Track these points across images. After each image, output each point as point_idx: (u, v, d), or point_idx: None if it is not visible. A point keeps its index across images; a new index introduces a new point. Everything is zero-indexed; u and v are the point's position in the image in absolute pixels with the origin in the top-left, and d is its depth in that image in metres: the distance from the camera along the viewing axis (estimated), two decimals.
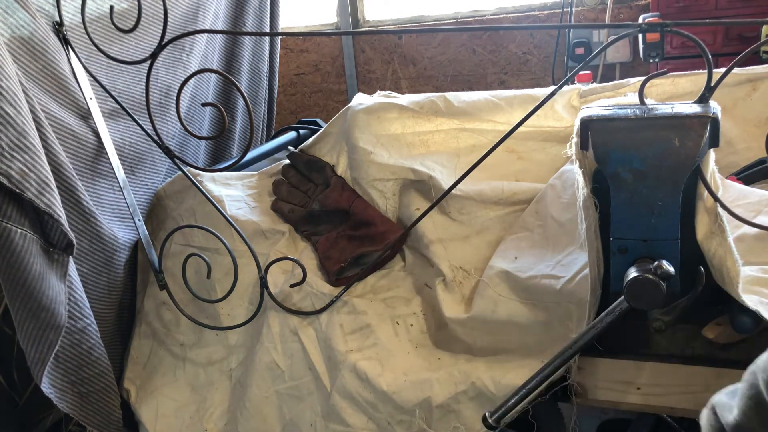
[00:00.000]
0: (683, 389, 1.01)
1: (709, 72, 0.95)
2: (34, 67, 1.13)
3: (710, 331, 0.98)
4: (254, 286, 1.29)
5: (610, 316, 0.91)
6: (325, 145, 1.43)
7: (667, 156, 0.90)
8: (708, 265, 0.93)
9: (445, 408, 1.09)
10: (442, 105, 1.35)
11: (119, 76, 1.34)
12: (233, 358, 1.32)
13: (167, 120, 1.48)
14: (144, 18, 1.23)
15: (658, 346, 1.04)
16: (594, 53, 1.05)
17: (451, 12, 3.29)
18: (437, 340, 1.18)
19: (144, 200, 1.42)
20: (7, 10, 1.08)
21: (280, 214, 1.39)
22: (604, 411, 1.62)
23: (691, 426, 1.38)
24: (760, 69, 1.23)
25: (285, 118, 3.57)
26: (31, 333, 1.05)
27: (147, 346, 1.39)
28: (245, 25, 1.83)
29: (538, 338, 1.08)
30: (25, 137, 0.96)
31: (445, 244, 1.23)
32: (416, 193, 1.29)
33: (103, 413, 1.23)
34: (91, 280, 1.25)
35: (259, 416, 1.25)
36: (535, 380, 0.95)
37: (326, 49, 3.46)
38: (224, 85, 1.81)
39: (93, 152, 1.25)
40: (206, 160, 1.80)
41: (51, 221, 1.02)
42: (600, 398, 1.07)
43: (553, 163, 1.26)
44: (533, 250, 1.14)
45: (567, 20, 2.82)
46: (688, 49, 2.55)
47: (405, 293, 1.26)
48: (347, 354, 1.17)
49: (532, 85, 3.12)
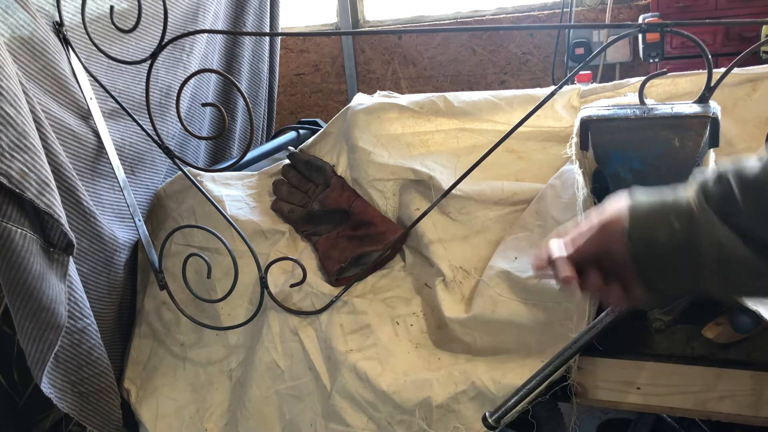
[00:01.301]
0: (683, 389, 1.01)
1: (709, 72, 0.95)
2: (34, 67, 1.12)
3: (710, 331, 0.98)
4: (254, 286, 1.30)
5: (610, 316, 0.91)
6: (325, 145, 1.43)
7: (667, 156, 0.90)
8: None
9: (445, 408, 1.09)
10: (442, 105, 1.35)
11: (119, 76, 1.34)
12: (233, 358, 1.32)
13: (167, 120, 1.48)
14: (144, 18, 1.23)
15: (658, 346, 1.04)
16: (594, 53, 1.05)
17: (451, 12, 3.29)
18: (437, 340, 1.18)
19: (144, 200, 1.42)
20: (7, 10, 1.08)
21: (280, 214, 1.39)
22: (604, 411, 1.62)
23: (691, 426, 1.38)
24: (760, 69, 1.23)
25: (285, 118, 3.57)
26: (31, 333, 1.05)
27: (147, 346, 1.39)
28: (245, 25, 1.83)
29: (538, 338, 1.08)
30: (26, 137, 0.96)
31: (445, 244, 1.23)
32: (416, 193, 1.29)
33: (103, 413, 1.23)
34: (91, 280, 1.25)
35: (259, 416, 1.25)
36: (535, 380, 0.95)
37: (326, 49, 3.46)
38: (224, 85, 1.81)
39: (93, 152, 1.25)
40: (206, 160, 1.80)
41: (51, 221, 1.02)
42: (600, 398, 1.07)
43: (553, 163, 1.26)
44: (533, 250, 1.14)
45: (567, 20, 2.82)
46: (688, 49, 2.55)
47: (405, 293, 1.26)
48: (347, 354, 1.17)
49: (532, 85, 3.12)
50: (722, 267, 0.59)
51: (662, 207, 0.63)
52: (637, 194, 0.67)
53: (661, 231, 0.62)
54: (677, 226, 0.61)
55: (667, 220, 0.62)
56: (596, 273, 0.68)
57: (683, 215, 0.61)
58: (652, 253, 0.63)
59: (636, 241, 0.64)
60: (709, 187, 0.60)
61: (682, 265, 0.62)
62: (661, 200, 0.64)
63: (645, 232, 0.63)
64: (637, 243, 0.64)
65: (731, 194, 0.58)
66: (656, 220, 0.63)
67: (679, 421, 1.39)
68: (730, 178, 0.58)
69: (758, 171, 0.57)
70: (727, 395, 0.99)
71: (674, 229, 0.61)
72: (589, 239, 0.69)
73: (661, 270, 0.64)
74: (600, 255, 0.68)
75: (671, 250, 0.62)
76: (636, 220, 0.64)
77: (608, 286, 0.68)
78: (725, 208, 0.58)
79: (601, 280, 0.68)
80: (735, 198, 0.58)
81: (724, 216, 0.59)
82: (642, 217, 0.64)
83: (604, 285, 0.68)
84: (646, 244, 0.63)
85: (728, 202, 0.58)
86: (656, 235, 0.62)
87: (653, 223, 0.63)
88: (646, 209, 0.64)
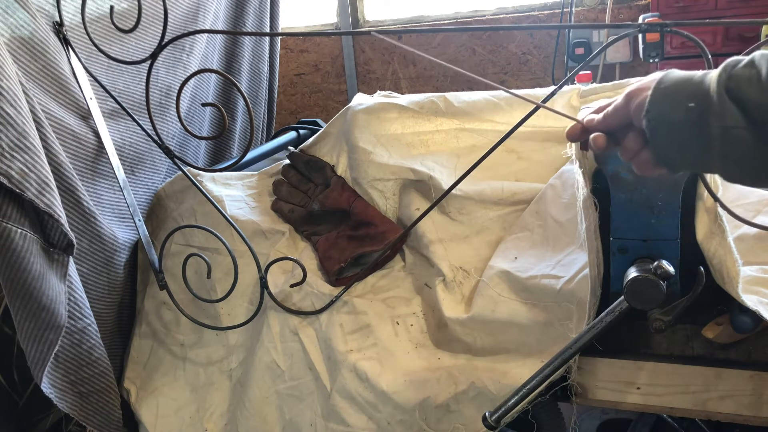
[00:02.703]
0: (683, 389, 1.01)
1: None
2: (34, 67, 1.13)
3: (710, 331, 0.98)
4: (254, 286, 1.30)
5: (610, 316, 0.91)
6: (325, 145, 1.43)
7: None
8: (708, 265, 0.93)
9: (445, 408, 1.09)
10: (442, 105, 1.35)
11: (119, 76, 1.35)
12: (233, 358, 1.32)
13: (167, 120, 1.48)
14: (144, 18, 1.23)
15: (658, 346, 1.04)
16: (594, 53, 1.05)
17: (451, 12, 3.29)
18: (437, 340, 1.18)
19: (144, 200, 1.42)
20: (7, 10, 1.08)
21: (280, 214, 1.39)
22: (604, 411, 1.62)
23: (691, 426, 1.38)
24: None
25: (285, 118, 3.57)
26: (31, 333, 1.05)
27: (147, 346, 1.39)
28: (245, 25, 1.83)
29: (538, 338, 1.08)
30: (26, 137, 0.96)
31: (445, 244, 1.23)
32: (416, 193, 1.29)
33: (103, 413, 1.23)
34: (91, 280, 1.25)
35: (259, 416, 1.25)
36: (535, 380, 0.95)
37: (326, 49, 3.46)
38: (224, 85, 1.81)
39: (93, 152, 1.25)
40: (206, 160, 1.80)
41: (51, 221, 1.02)
42: (600, 398, 1.07)
43: (553, 163, 1.26)
44: (533, 250, 1.14)
45: (567, 20, 2.82)
46: (688, 49, 2.55)
47: (405, 293, 1.26)
48: (347, 354, 1.17)
49: (532, 85, 3.12)
50: (727, 150, 0.61)
51: (685, 84, 0.65)
52: (672, 71, 0.68)
53: (677, 108, 0.64)
54: (692, 104, 0.63)
55: (685, 97, 0.63)
56: (634, 136, 0.70)
57: (700, 95, 0.63)
58: (664, 129, 0.66)
59: (652, 116, 0.66)
60: (737, 69, 0.61)
61: (691, 142, 0.64)
62: (688, 78, 0.65)
63: (662, 108, 0.65)
64: (653, 118, 0.66)
65: (757, 79, 0.59)
66: (675, 97, 0.65)
67: (679, 421, 1.39)
68: (762, 63, 0.59)
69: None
70: (727, 395, 0.99)
71: (689, 107, 0.63)
72: (616, 108, 0.72)
73: (672, 145, 0.66)
74: (625, 124, 0.71)
75: (682, 126, 0.64)
76: (657, 95, 0.66)
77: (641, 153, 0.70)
78: (746, 92, 0.59)
79: (637, 143, 0.70)
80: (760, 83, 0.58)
81: (740, 99, 0.60)
82: (663, 93, 0.66)
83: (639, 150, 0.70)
84: (660, 120, 0.65)
85: (750, 86, 0.59)
86: (671, 111, 0.64)
87: (672, 100, 0.65)
88: (670, 85, 0.66)
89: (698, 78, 0.64)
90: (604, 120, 0.74)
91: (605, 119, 0.74)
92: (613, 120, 0.73)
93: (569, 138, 0.80)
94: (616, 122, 0.72)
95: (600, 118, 0.74)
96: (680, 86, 0.65)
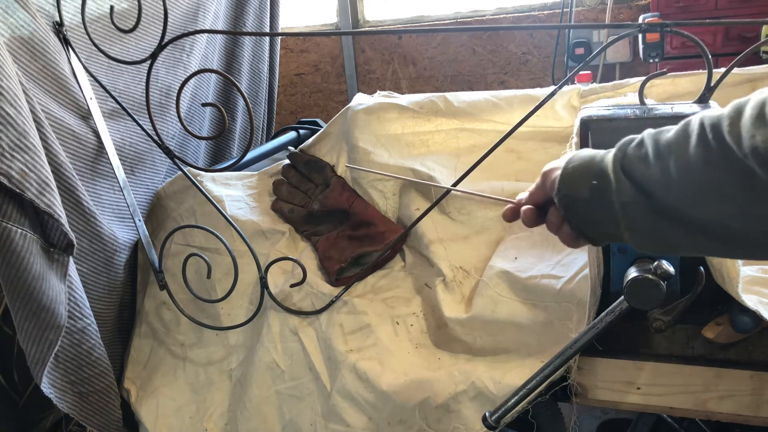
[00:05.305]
0: (683, 389, 1.01)
1: (709, 72, 0.96)
2: (34, 67, 1.13)
3: (710, 331, 0.98)
4: (254, 286, 1.30)
5: (610, 316, 0.91)
6: (325, 145, 1.43)
7: None
8: (708, 265, 0.93)
9: (445, 408, 1.09)
10: (442, 105, 1.35)
11: (119, 77, 1.34)
12: (233, 358, 1.32)
13: (167, 120, 1.48)
14: (144, 18, 1.23)
15: (658, 346, 1.04)
16: (594, 53, 1.05)
17: (451, 12, 3.29)
18: (437, 340, 1.18)
19: (144, 200, 1.42)
20: (7, 10, 1.08)
21: (280, 214, 1.39)
22: (604, 411, 1.62)
23: (691, 426, 1.38)
24: (760, 69, 1.23)
25: (285, 118, 3.57)
26: (31, 333, 1.05)
27: (147, 346, 1.39)
28: (245, 25, 1.83)
29: (538, 338, 1.08)
30: (26, 137, 0.96)
31: (445, 244, 1.23)
32: (416, 193, 1.29)
33: (103, 413, 1.23)
34: (91, 280, 1.25)
35: (259, 416, 1.25)
36: (535, 380, 0.95)
37: (326, 49, 3.46)
38: (224, 85, 1.81)
39: (93, 152, 1.25)
40: (206, 160, 1.80)
41: (51, 221, 1.02)
42: (600, 398, 1.06)
43: None
44: (533, 250, 1.14)
45: (567, 20, 2.82)
46: (688, 49, 2.55)
47: (405, 293, 1.26)
48: (347, 354, 1.17)
49: (532, 85, 3.12)
50: (629, 222, 0.65)
51: (590, 163, 0.69)
52: (580, 151, 0.73)
53: (583, 186, 0.68)
54: (595, 182, 0.67)
55: (591, 175, 0.68)
56: (555, 211, 0.75)
57: (601, 173, 0.67)
58: (575, 206, 0.70)
59: (563, 194, 0.71)
60: (630, 149, 0.65)
61: (601, 218, 0.68)
62: (592, 157, 0.70)
63: (569, 187, 0.70)
64: (564, 196, 0.70)
65: (645, 157, 0.63)
66: (582, 175, 0.69)
67: (679, 421, 1.39)
68: (648, 142, 0.63)
69: (670, 137, 0.61)
70: (727, 395, 0.99)
71: (593, 185, 0.67)
72: (537, 186, 0.77)
73: (585, 221, 0.70)
74: (548, 200, 0.76)
75: (589, 204, 0.68)
76: (565, 174, 0.71)
77: (562, 226, 0.74)
78: (637, 169, 0.63)
79: (558, 218, 0.74)
80: (647, 161, 0.62)
81: (633, 177, 0.64)
82: (571, 172, 0.70)
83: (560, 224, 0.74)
84: (570, 198, 0.70)
85: (640, 164, 0.63)
86: (579, 189, 0.69)
87: (577, 179, 0.69)
88: (577, 165, 0.70)
89: (600, 157, 0.68)
90: (530, 197, 0.79)
91: (530, 196, 0.79)
92: (537, 197, 0.77)
93: (505, 218, 0.84)
94: (539, 199, 0.77)
95: (527, 195, 0.80)
96: (586, 165, 0.69)
